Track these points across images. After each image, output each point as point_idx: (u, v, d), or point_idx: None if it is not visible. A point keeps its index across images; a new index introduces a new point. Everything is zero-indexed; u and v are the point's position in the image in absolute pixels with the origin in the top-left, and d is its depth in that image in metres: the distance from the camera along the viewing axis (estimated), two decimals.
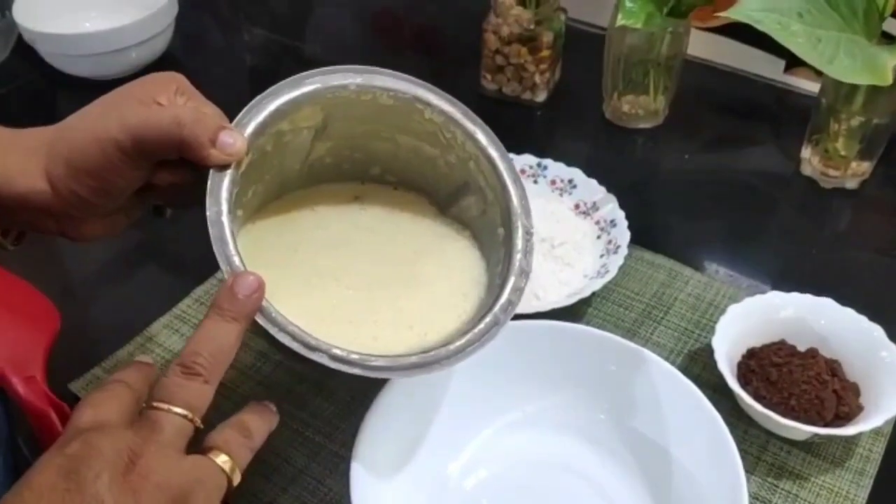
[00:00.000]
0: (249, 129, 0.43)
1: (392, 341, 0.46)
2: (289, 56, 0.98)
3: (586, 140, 0.83)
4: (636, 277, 0.66)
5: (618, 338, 0.53)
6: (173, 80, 0.44)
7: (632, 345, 0.52)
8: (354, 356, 0.41)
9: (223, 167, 0.42)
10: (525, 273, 0.47)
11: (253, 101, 0.44)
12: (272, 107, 0.44)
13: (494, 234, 0.50)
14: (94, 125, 0.41)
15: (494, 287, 0.48)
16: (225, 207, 0.41)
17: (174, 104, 0.43)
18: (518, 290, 0.46)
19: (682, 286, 0.66)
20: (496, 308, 0.46)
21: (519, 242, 0.48)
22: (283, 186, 0.52)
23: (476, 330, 0.45)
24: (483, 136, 0.49)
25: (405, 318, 0.48)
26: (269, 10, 1.06)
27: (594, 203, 0.68)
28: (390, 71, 0.48)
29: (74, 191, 0.42)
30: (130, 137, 0.40)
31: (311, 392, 0.58)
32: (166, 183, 0.43)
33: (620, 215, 0.65)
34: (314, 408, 0.57)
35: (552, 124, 0.85)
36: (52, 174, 0.42)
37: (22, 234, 0.47)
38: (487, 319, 0.45)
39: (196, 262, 0.68)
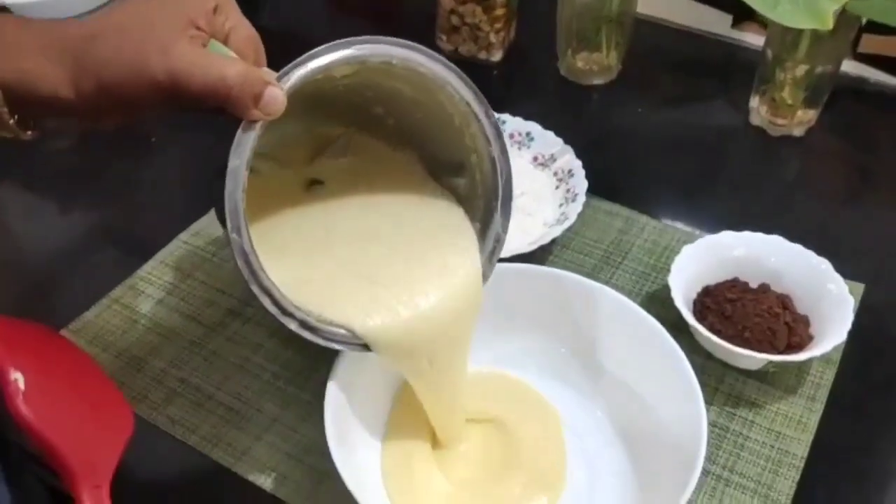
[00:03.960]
0: (290, 82, 0.42)
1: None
2: None
3: (542, 97, 0.84)
4: (594, 226, 0.68)
5: (579, 276, 0.54)
6: None
7: (593, 283, 0.54)
8: (319, 324, 0.46)
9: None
10: (485, 276, 0.50)
11: (298, 59, 0.43)
12: (314, 64, 0.43)
13: (472, 223, 0.51)
14: (133, 55, 0.39)
15: None
16: (245, 163, 0.41)
17: (214, 27, 0.42)
18: None
19: (638, 233, 0.67)
20: None
21: (489, 245, 0.50)
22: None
23: None
24: (494, 139, 0.49)
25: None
26: None
27: (552, 155, 0.69)
28: (430, 51, 0.47)
29: (101, 105, 0.40)
30: (172, 83, 0.39)
31: (280, 346, 0.58)
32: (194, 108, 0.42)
33: (577, 164, 0.67)
34: (285, 360, 0.58)
35: (509, 83, 0.86)
36: (81, 87, 0.40)
37: (38, 124, 0.44)
38: None
39: (159, 225, 0.68)
